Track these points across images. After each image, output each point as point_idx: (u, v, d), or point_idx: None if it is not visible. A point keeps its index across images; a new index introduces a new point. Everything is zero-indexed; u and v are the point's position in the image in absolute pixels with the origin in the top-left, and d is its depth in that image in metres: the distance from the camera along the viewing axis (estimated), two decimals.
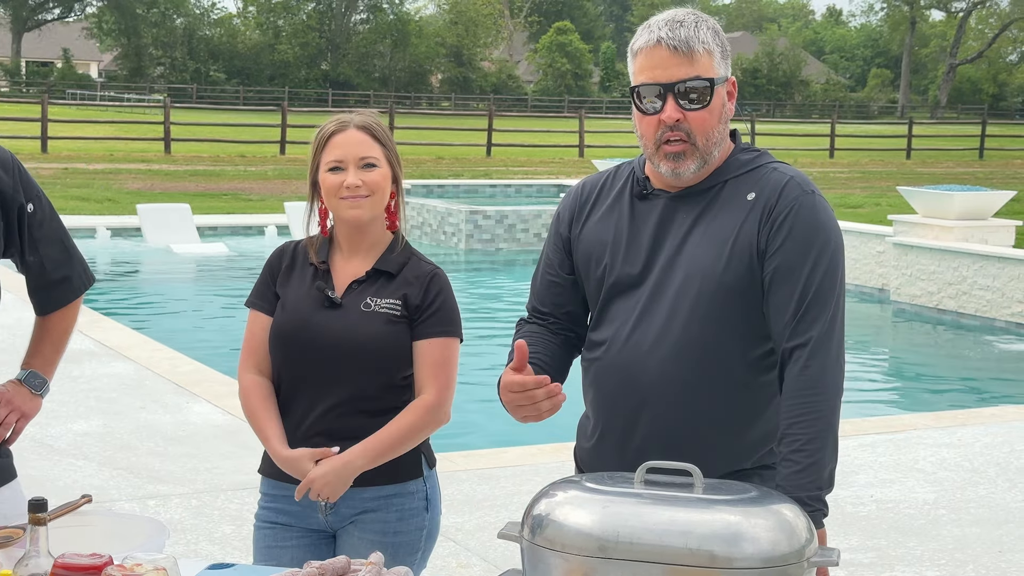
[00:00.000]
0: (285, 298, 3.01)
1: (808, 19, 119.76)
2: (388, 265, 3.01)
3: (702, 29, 2.53)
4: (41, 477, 5.98)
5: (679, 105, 2.51)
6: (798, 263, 2.50)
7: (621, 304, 2.61)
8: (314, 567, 2.39)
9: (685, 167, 2.54)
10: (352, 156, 2.95)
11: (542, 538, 2.20)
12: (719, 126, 2.55)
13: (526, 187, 23.37)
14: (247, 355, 3.05)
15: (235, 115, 44.72)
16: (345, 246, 3.04)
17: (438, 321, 3.00)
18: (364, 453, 2.91)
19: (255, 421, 3.01)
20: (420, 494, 3.04)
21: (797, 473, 2.44)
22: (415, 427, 2.96)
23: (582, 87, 78.79)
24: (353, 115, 3.01)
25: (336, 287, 2.99)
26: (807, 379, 2.47)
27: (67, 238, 3.06)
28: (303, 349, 2.95)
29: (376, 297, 2.97)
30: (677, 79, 2.50)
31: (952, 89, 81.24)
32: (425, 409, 2.96)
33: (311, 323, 2.96)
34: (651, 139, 2.55)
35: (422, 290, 2.99)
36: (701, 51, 2.51)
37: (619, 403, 2.60)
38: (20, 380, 3.05)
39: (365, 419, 2.95)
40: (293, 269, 3.05)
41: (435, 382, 2.98)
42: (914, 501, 6.22)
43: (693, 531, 2.14)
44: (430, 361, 2.98)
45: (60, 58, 74.87)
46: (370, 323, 2.94)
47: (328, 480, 2.89)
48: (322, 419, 2.95)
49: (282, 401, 3.01)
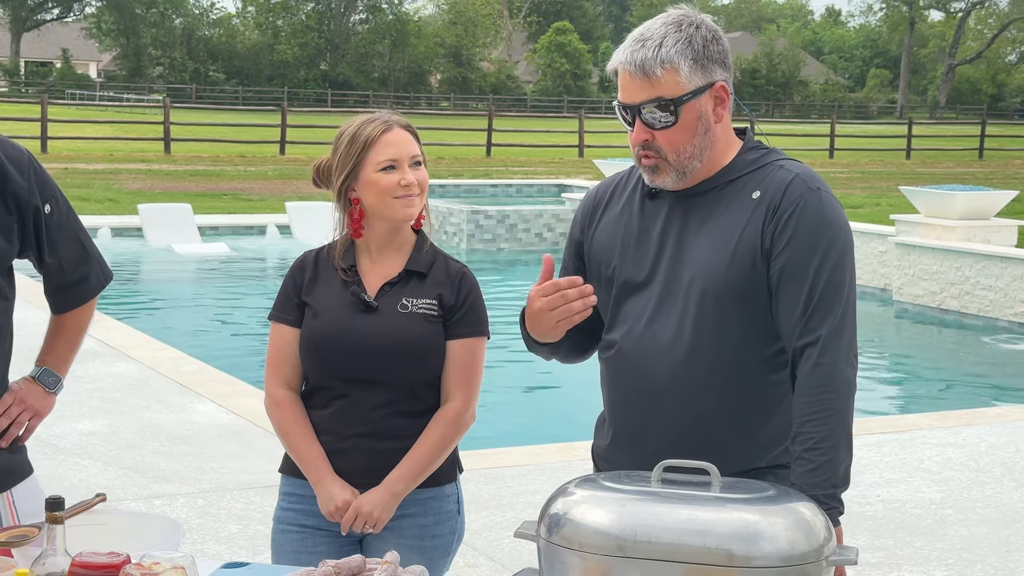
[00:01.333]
0: (316, 306, 2.99)
1: (807, 19, 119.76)
2: (419, 265, 3.00)
3: (667, 45, 2.48)
4: (47, 477, 5.94)
5: (645, 126, 2.51)
6: (805, 261, 2.48)
7: (632, 304, 2.61)
8: (330, 566, 2.38)
9: (661, 180, 2.56)
10: (405, 154, 2.95)
11: (559, 537, 2.19)
12: (694, 139, 2.52)
13: (527, 187, 23.36)
14: (275, 369, 3.03)
15: (234, 115, 44.70)
16: (374, 248, 3.02)
17: (469, 321, 3.01)
18: (403, 477, 2.94)
19: (295, 441, 2.99)
20: (454, 497, 3.08)
21: (812, 471, 2.43)
22: (446, 439, 2.98)
23: (581, 87, 78.77)
24: (391, 115, 3.00)
25: (368, 290, 2.99)
26: (819, 376, 2.46)
27: (85, 236, 3.02)
28: (342, 355, 2.94)
29: (412, 297, 2.97)
30: (639, 102, 2.50)
31: (951, 89, 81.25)
32: (453, 419, 2.98)
33: (348, 328, 2.95)
34: (633, 152, 2.58)
35: (455, 289, 3.00)
36: (660, 72, 2.47)
37: (631, 402, 2.61)
38: (34, 378, 3.02)
39: (407, 420, 2.96)
40: (318, 278, 3.03)
41: (462, 388, 2.99)
42: (920, 501, 6.22)
43: (711, 530, 2.13)
44: (459, 364, 2.99)
45: (59, 58, 74.87)
46: (410, 324, 2.94)
47: (377, 514, 2.92)
48: (364, 423, 2.95)
49: (319, 408, 3.00)
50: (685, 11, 2.55)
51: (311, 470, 2.97)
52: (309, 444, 2.98)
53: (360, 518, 2.92)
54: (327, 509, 2.94)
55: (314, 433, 2.99)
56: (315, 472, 2.96)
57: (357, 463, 2.96)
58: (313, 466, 2.96)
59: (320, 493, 2.96)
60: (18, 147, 2.87)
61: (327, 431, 2.98)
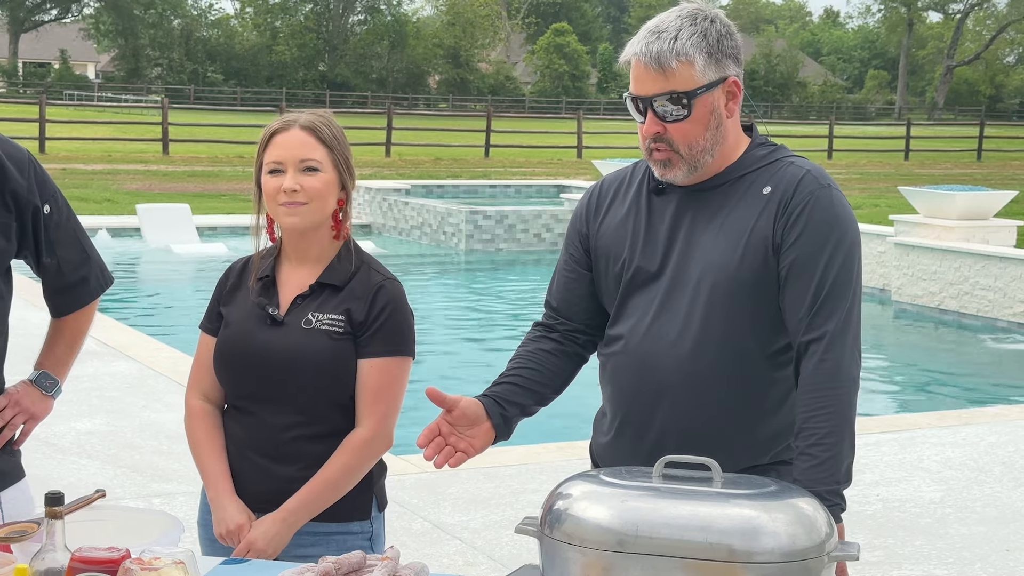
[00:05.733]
0: (228, 317, 2.85)
1: (805, 21, 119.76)
2: (333, 278, 2.81)
3: (683, 38, 2.48)
4: (45, 476, 5.96)
5: (658, 118, 2.51)
6: (814, 257, 2.49)
7: (639, 299, 2.60)
8: (329, 562, 2.38)
9: (672, 174, 2.55)
10: (292, 158, 2.75)
11: (560, 532, 2.18)
12: (706, 133, 2.52)
13: (526, 187, 23.35)
14: (194, 379, 2.91)
15: (233, 116, 44.66)
16: (292, 255, 2.86)
17: (382, 339, 2.78)
18: (301, 505, 2.75)
19: (200, 454, 2.85)
20: (365, 535, 2.85)
21: (815, 467, 2.43)
22: (350, 468, 2.78)
23: (579, 88, 78.77)
24: (302, 114, 2.81)
25: (281, 302, 2.82)
26: (823, 373, 2.46)
27: (84, 238, 3.00)
28: (246, 369, 2.80)
29: (318, 312, 2.78)
30: (652, 94, 2.50)
31: (949, 91, 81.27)
32: (358, 447, 2.78)
33: (253, 342, 2.79)
34: (643, 145, 2.57)
35: (367, 304, 2.78)
36: (675, 65, 2.47)
37: (636, 396, 2.60)
38: (31, 381, 3.00)
39: (313, 444, 2.78)
40: (239, 287, 2.89)
41: (372, 412, 2.78)
42: (920, 500, 6.21)
43: (712, 525, 2.12)
44: (370, 386, 2.78)
45: (57, 59, 74.82)
46: (312, 340, 2.75)
47: (270, 540, 2.74)
48: (268, 443, 2.79)
49: (230, 425, 2.86)
50: (699, 5, 2.55)
51: (210, 486, 2.82)
52: (213, 459, 2.83)
53: (252, 552, 2.73)
54: (219, 531, 2.79)
55: (223, 448, 2.84)
56: (213, 489, 2.81)
57: (258, 487, 2.80)
58: (213, 482, 2.81)
59: (215, 512, 2.80)
60: (18, 147, 2.85)
61: (234, 449, 2.83)
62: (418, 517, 5.68)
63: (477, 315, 13.75)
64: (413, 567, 2.39)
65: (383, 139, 33.55)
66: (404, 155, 33.75)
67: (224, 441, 2.86)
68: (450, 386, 9.05)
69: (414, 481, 6.10)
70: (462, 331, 12.55)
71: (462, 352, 11.35)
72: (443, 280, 16.22)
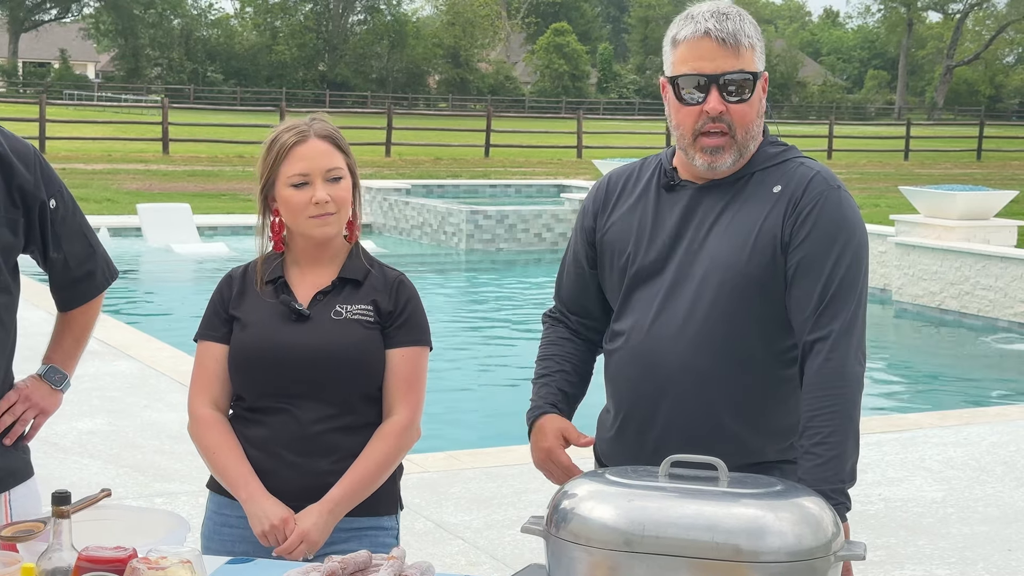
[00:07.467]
0: (245, 318, 2.81)
1: (805, 20, 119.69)
2: (353, 273, 2.83)
3: (746, 23, 2.53)
4: (48, 475, 5.95)
5: (723, 97, 2.51)
6: (821, 256, 2.50)
7: (643, 293, 2.61)
8: (336, 561, 2.38)
9: (722, 160, 2.54)
10: (318, 169, 2.74)
11: (566, 532, 2.18)
12: (757, 120, 2.56)
13: (526, 187, 23.35)
14: (199, 388, 2.85)
15: (232, 116, 44.61)
16: (303, 260, 2.85)
17: (409, 329, 2.81)
18: (344, 495, 2.73)
19: (221, 458, 2.78)
20: (393, 532, 2.86)
21: (819, 466, 2.44)
22: (389, 455, 2.78)
23: (579, 88, 78.69)
24: (312, 123, 2.80)
25: (300, 300, 2.81)
26: (828, 372, 2.46)
27: (90, 233, 3.01)
28: (273, 366, 2.76)
29: (346, 304, 2.79)
30: (722, 71, 2.50)
31: (949, 91, 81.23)
32: (399, 433, 2.79)
33: (279, 339, 2.76)
34: (689, 130, 2.54)
35: (391, 296, 2.81)
36: (747, 44, 2.51)
37: (639, 391, 2.60)
38: (40, 375, 3.01)
39: (345, 436, 2.77)
40: (246, 292, 2.86)
41: (407, 400, 2.80)
42: (922, 500, 6.21)
43: (719, 525, 2.13)
44: (401, 374, 2.80)
45: (57, 59, 74.79)
46: (345, 331, 2.76)
47: (321, 531, 2.70)
48: (299, 440, 2.76)
49: (251, 428, 2.81)
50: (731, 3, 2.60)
51: (240, 487, 2.74)
52: (237, 461, 2.77)
53: (306, 543, 2.68)
54: (260, 528, 2.70)
55: (243, 451, 2.78)
56: (245, 490, 2.74)
57: (293, 483, 2.75)
58: (243, 483, 2.74)
59: (252, 512, 2.73)
60: (24, 143, 2.87)
61: (260, 450, 2.78)
62: (421, 517, 5.67)
63: (477, 315, 13.75)
64: (419, 566, 2.39)
65: (383, 139, 33.53)
66: (404, 155, 33.73)
67: (240, 445, 2.81)
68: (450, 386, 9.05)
69: (416, 481, 6.10)
70: (462, 331, 12.55)
71: (462, 351, 11.35)
72: (443, 280, 16.23)
